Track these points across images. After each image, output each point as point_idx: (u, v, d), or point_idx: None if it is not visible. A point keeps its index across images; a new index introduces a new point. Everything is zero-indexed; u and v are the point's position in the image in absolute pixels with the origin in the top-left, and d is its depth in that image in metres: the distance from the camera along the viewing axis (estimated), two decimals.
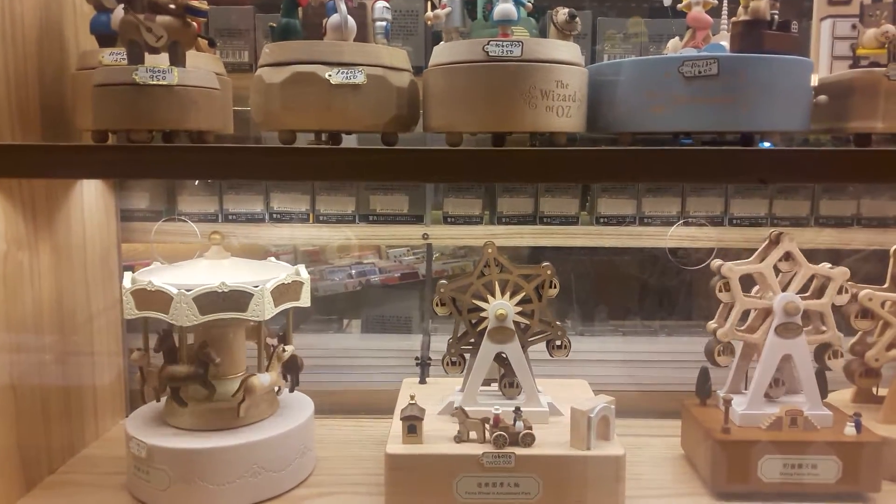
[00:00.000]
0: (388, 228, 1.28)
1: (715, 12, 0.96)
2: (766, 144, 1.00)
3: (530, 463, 0.90)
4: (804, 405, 1.01)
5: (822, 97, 0.93)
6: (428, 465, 0.91)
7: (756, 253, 1.05)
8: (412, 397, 0.94)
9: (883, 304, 1.08)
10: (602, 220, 1.29)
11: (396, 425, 0.95)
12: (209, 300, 0.95)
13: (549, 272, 1.00)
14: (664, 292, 1.48)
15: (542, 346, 1.04)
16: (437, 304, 1.02)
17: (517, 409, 0.93)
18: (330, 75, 0.85)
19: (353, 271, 1.60)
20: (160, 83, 0.79)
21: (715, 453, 0.97)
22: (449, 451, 0.91)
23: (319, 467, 1.06)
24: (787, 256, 1.03)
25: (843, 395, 1.16)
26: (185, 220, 1.25)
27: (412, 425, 0.92)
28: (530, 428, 0.92)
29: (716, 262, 1.04)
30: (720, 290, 1.03)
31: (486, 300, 1.00)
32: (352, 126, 0.89)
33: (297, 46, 0.87)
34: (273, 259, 1.08)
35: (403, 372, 1.25)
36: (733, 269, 1.02)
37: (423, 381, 1.14)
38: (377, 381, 1.33)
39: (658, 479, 1.04)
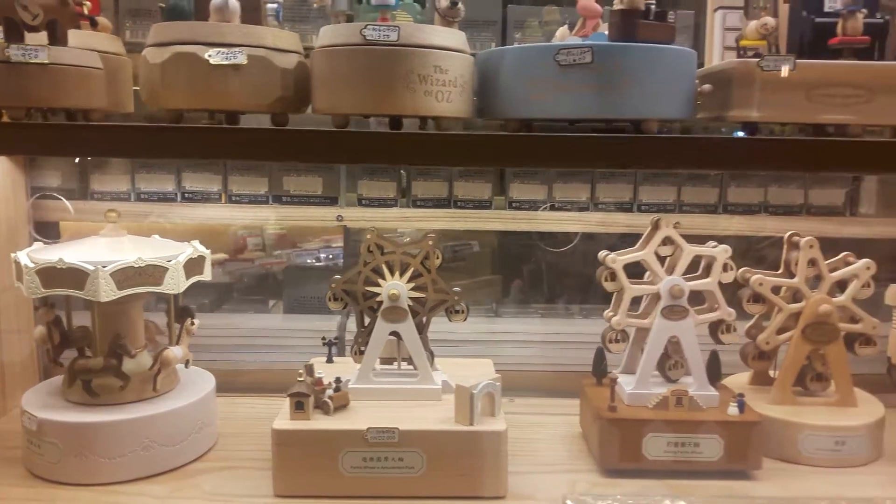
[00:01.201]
0: (301, 210, 1.29)
1: (607, 1, 0.98)
2: (740, 133, 1.02)
3: (414, 438, 0.92)
4: (692, 386, 1.04)
5: (706, 86, 0.95)
6: (313, 440, 0.93)
7: (640, 240, 1.08)
8: (300, 374, 0.96)
9: (779, 290, 1.12)
10: (514, 204, 1.31)
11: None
12: (125, 275, 0.97)
13: (430, 243, 1.02)
14: (584, 276, 1.51)
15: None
16: (330, 300, 1.04)
17: (338, 379, 0.99)
18: (210, 56, 0.86)
19: (322, 254, 1.61)
20: (32, 61, 0.79)
21: (601, 431, 1.00)
22: (334, 426, 0.94)
23: (221, 443, 1.08)
24: (668, 241, 1.05)
25: (741, 378, 1.20)
26: (59, 198, 1.25)
27: (299, 402, 0.94)
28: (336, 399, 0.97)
29: (601, 253, 1.06)
30: (606, 280, 1.05)
31: (378, 285, 1.02)
32: (234, 106, 0.89)
33: (178, 27, 0.88)
34: (157, 236, 1.09)
35: (321, 351, 1.27)
36: (616, 260, 1.04)
37: (330, 361, 1.16)
38: (293, 361, 1.34)
39: (552, 456, 1.07)
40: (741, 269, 1.12)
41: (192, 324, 1.09)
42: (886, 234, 1.34)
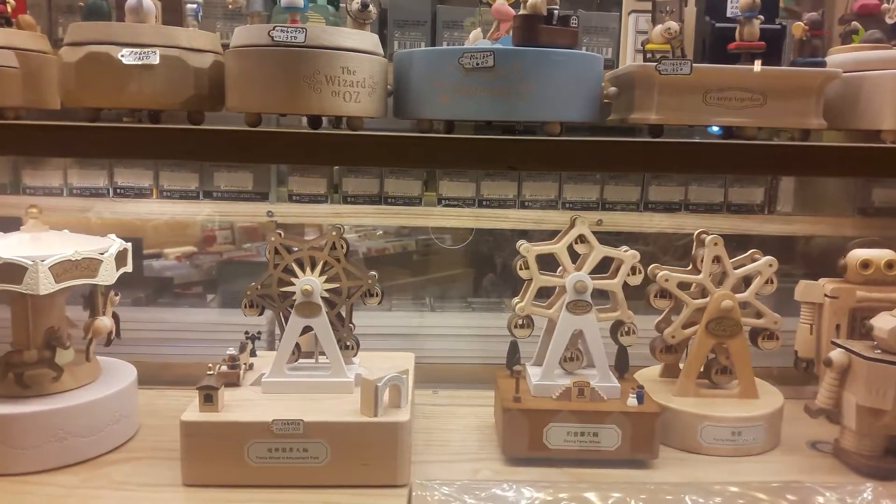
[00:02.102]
0: (232, 205, 1.31)
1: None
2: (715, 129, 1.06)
3: (318, 429, 0.95)
4: (595, 377, 1.08)
5: (612, 89, 0.99)
6: (220, 431, 0.95)
7: (558, 235, 1.11)
8: (209, 368, 0.99)
9: (689, 286, 1.16)
10: (444, 201, 1.34)
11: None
12: (63, 268, 1.00)
13: (333, 234, 1.05)
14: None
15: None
16: (245, 307, 1.08)
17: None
18: (122, 56, 0.88)
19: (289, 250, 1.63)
20: None
21: (505, 420, 1.04)
22: (240, 418, 0.96)
23: (141, 434, 1.11)
24: (582, 239, 1.09)
25: (654, 371, 1.24)
26: None
27: (208, 395, 0.97)
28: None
29: (519, 242, 1.10)
30: (520, 269, 1.09)
31: (304, 271, 1.05)
32: (148, 105, 0.92)
33: (94, 27, 0.90)
34: (66, 231, 1.11)
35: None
36: (530, 249, 1.08)
37: (253, 354, 1.18)
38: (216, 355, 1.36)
39: (463, 445, 1.11)
40: (651, 266, 1.16)
41: (116, 294, 1.14)
42: (803, 232, 1.40)
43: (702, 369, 1.17)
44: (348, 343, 1.09)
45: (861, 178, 1.33)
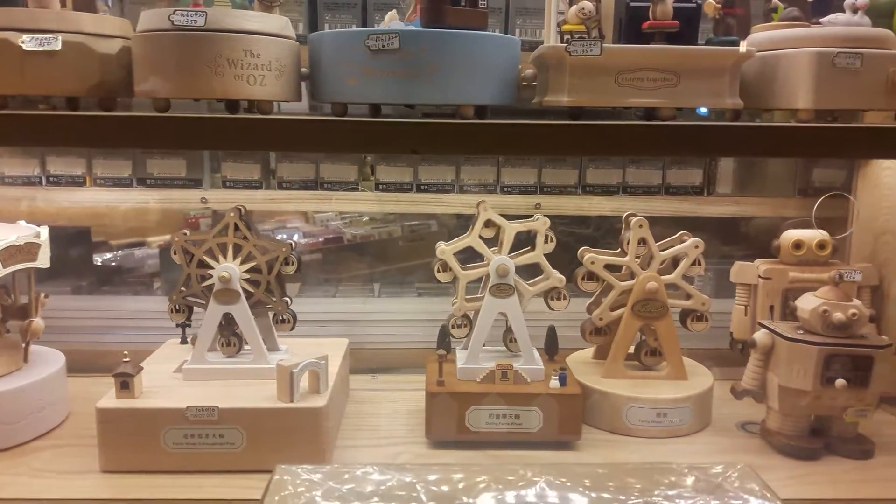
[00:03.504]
0: (166, 192, 1.30)
1: None
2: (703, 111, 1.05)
3: (233, 415, 0.95)
4: (520, 360, 1.08)
5: (529, 72, 0.99)
6: (136, 418, 0.95)
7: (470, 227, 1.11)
8: (125, 355, 0.99)
9: (620, 268, 1.16)
10: (381, 186, 1.33)
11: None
12: (9, 253, 1.03)
13: (283, 249, 1.05)
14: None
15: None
16: (171, 311, 1.08)
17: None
18: (23, 42, 0.87)
19: (275, 235, 1.62)
20: None
21: (429, 404, 1.04)
22: (156, 405, 0.96)
23: (69, 422, 1.11)
24: (489, 223, 1.09)
25: (587, 353, 1.24)
26: None
27: (124, 381, 0.96)
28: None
29: (437, 245, 1.09)
30: (438, 271, 1.09)
31: (217, 260, 1.04)
32: (52, 91, 0.91)
33: None
34: None
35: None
36: (445, 251, 1.08)
37: (184, 342, 1.18)
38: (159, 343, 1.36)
39: (391, 430, 1.11)
40: (581, 249, 1.16)
41: (47, 297, 1.13)
42: (743, 213, 1.39)
43: (632, 351, 1.17)
44: (284, 317, 1.09)
45: (780, 158, 1.32)
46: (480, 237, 1.09)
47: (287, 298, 1.09)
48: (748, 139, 0.92)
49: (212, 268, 1.03)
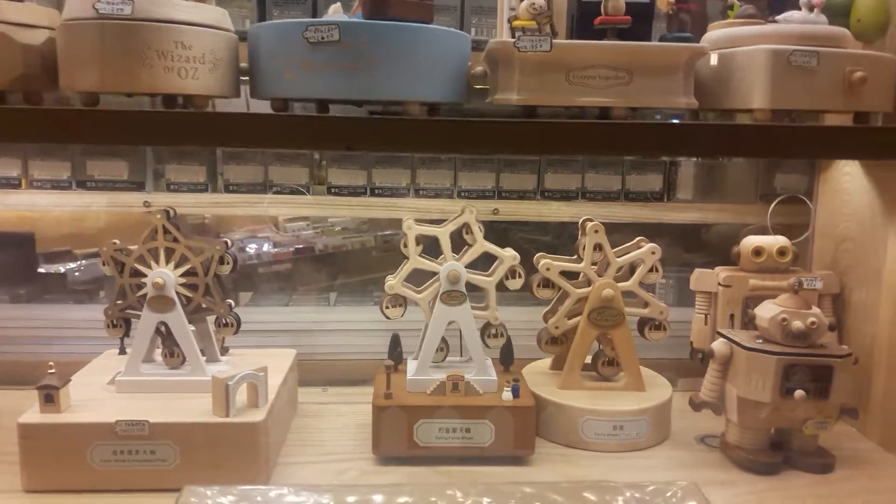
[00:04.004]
0: (107, 196, 1.25)
1: None
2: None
3: (165, 430, 0.90)
4: (472, 371, 1.03)
5: (479, 69, 0.95)
6: (61, 434, 0.89)
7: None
8: (50, 366, 0.93)
9: (578, 276, 1.12)
10: (333, 190, 1.29)
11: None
12: None
13: (218, 248, 0.99)
14: None
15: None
16: (108, 327, 1.03)
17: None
18: None
19: (245, 245, 1.56)
20: None
21: (376, 418, 0.99)
22: (82, 419, 0.90)
23: None
24: (467, 230, 1.05)
25: (545, 363, 1.20)
26: None
27: (49, 394, 0.91)
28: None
29: (405, 221, 1.05)
30: (404, 246, 1.05)
31: (150, 267, 0.99)
32: None
33: None
34: None
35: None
36: (412, 227, 1.04)
37: (122, 352, 1.12)
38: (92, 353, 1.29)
39: (339, 445, 1.06)
40: (537, 255, 1.12)
41: None
42: (704, 219, 1.37)
43: (589, 361, 1.14)
44: (227, 320, 1.04)
45: (735, 157, 1.30)
46: (422, 255, 1.05)
47: (230, 301, 1.03)
48: (703, 138, 0.89)
49: (145, 276, 0.98)
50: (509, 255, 1.05)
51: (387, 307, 1.05)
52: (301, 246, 1.62)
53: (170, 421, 0.90)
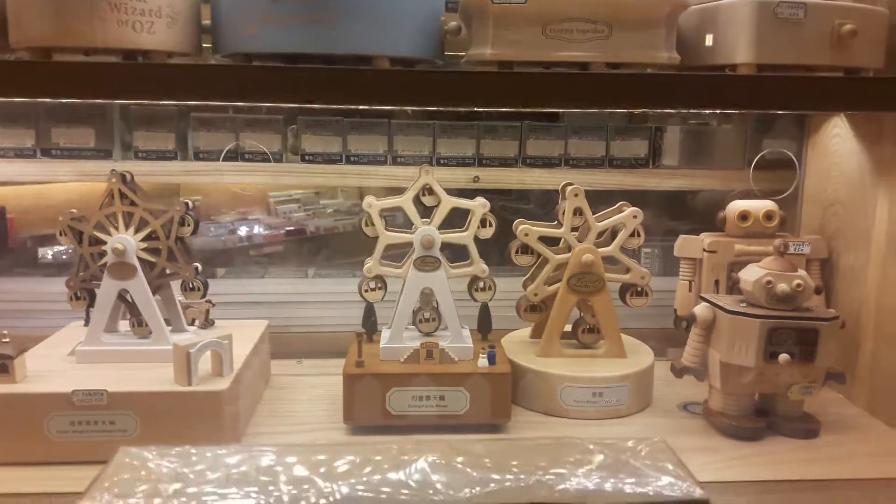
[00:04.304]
0: (73, 164, 1.20)
1: None
2: None
3: (124, 400, 0.86)
4: (447, 338, 1.01)
5: (452, 24, 0.91)
6: (16, 404, 0.86)
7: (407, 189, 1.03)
8: (4, 334, 0.89)
9: (558, 242, 1.09)
10: (308, 157, 1.25)
11: None
12: None
13: (178, 209, 0.96)
14: None
15: None
16: (71, 299, 0.99)
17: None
18: None
19: (236, 227, 1.53)
20: None
21: (347, 387, 0.96)
22: (38, 389, 0.87)
23: None
24: (429, 190, 1.01)
25: (525, 331, 1.17)
26: None
27: (2, 364, 0.87)
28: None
29: (365, 200, 1.01)
30: (366, 225, 1.01)
31: (110, 234, 0.95)
32: None
33: None
34: None
35: None
36: (373, 204, 1.00)
37: (88, 324, 1.08)
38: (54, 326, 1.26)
39: (310, 416, 1.03)
40: (516, 221, 1.09)
41: None
42: (691, 186, 1.33)
43: (569, 329, 1.11)
44: (193, 284, 1.00)
45: (719, 110, 1.27)
46: (417, 202, 1.01)
47: (196, 265, 1.00)
48: (685, 89, 0.85)
49: (105, 243, 0.94)
50: (478, 204, 1.01)
51: (366, 290, 1.02)
52: (292, 228, 1.59)
53: (129, 390, 0.86)
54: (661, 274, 1.37)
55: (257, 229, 1.56)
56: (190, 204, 0.97)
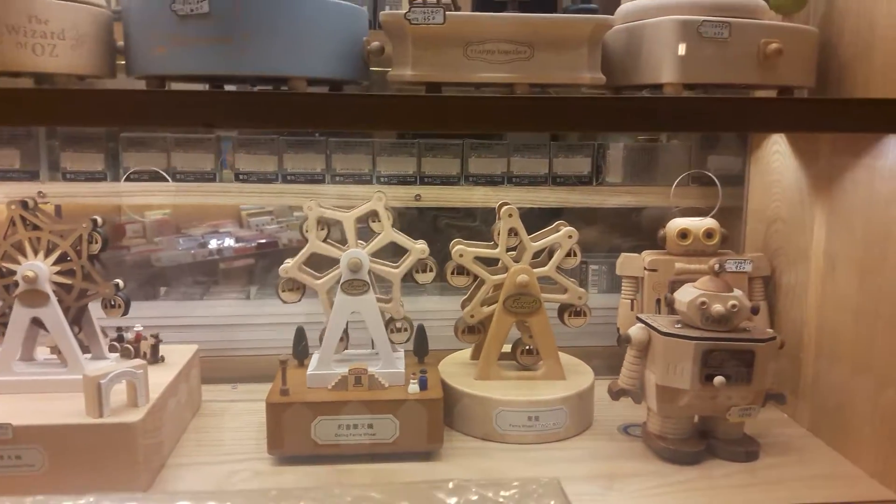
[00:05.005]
0: None
1: None
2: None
3: (31, 434, 0.83)
4: (378, 364, 0.98)
5: (375, 44, 0.89)
6: None
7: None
8: None
9: (499, 261, 1.06)
10: (242, 176, 1.22)
11: None
12: None
13: (84, 226, 0.93)
14: None
15: None
16: None
17: None
18: None
19: (206, 240, 1.49)
20: None
21: (269, 416, 0.93)
22: None
23: None
24: (375, 217, 1.00)
25: (465, 354, 1.15)
26: None
27: None
28: None
29: (307, 203, 0.99)
30: (307, 231, 0.99)
31: (19, 262, 0.92)
32: None
33: None
34: None
35: None
36: (313, 209, 1.00)
37: None
38: None
39: (237, 445, 0.99)
40: (452, 241, 1.07)
41: None
42: (634, 203, 1.32)
43: (509, 350, 1.09)
44: (114, 301, 0.97)
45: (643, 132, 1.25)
46: (327, 240, 0.99)
47: (116, 281, 0.97)
48: (610, 112, 0.83)
49: (16, 273, 0.91)
50: (418, 248, 1.00)
51: (282, 291, 0.99)
52: (264, 241, 1.56)
53: (36, 423, 0.83)
54: (608, 291, 1.35)
55: (228, 242, 1.52)
56: (99, 220, 0.94)
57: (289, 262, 1.00)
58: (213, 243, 1.49)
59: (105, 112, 0.70)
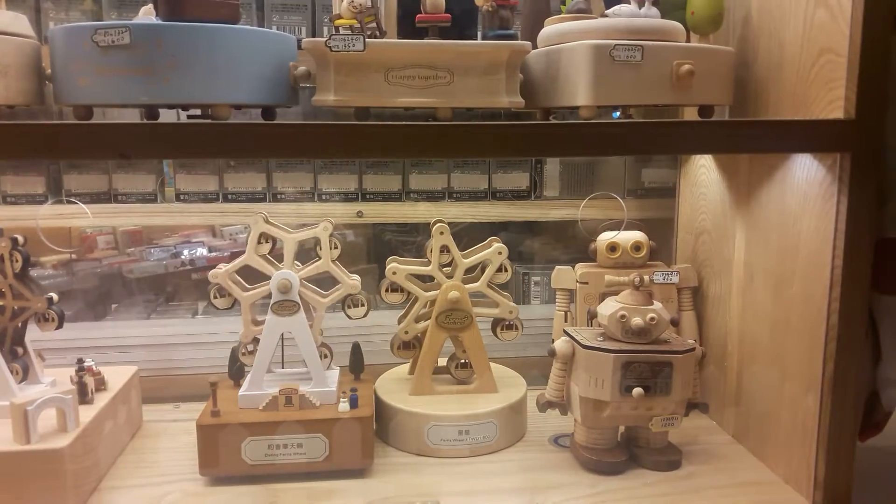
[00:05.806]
0: None
1: None
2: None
3: None
4: (310, 383, 1.00)
5: (301, 69, 0.91)
6: None
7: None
8: None
9: (433, 278, 1.09)
10: (183, 196, 1.24)
11: None
12: None
13: (3, 244, 0.94)
14: None
15: None
16: None
17: None
18: None
19: (178, 251, 1.48)
20: None
21: (200, 438, 0.94)
22: None
23: None
24: (319, 244, 1.02)
25: (403, 369, 1.17)
26: None
27: None
28: None
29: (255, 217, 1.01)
30: (215, 297, 1.02)
31: None
32: None
33: None
34: None
35: None
36: (258, 222, 1.02)
37: None
38: None
39: (172, 466, 1.00)
40: (388, 259, 1.09)
41: None
42: (572, 217, 1.35)
43: (445, 365, 1.11)
44: (47, 315, 0.98)
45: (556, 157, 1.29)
46: (264, 255, 1.01)
47: (50, 295, 0.98)
48: (521, 139, 0.86)
49: None
50: (350, 283, 1.02)
51: (214, 297, 1.02)
52: (238, 250, 1.56)
53: None
54: (549, 302, 1.38)
55: (200, 252, 1.53)
56: (20, 239, 0.95)
57: (221, 268, 1.01)
58: (186, 253, 1.49)
59: (17, 145, 0.72)
